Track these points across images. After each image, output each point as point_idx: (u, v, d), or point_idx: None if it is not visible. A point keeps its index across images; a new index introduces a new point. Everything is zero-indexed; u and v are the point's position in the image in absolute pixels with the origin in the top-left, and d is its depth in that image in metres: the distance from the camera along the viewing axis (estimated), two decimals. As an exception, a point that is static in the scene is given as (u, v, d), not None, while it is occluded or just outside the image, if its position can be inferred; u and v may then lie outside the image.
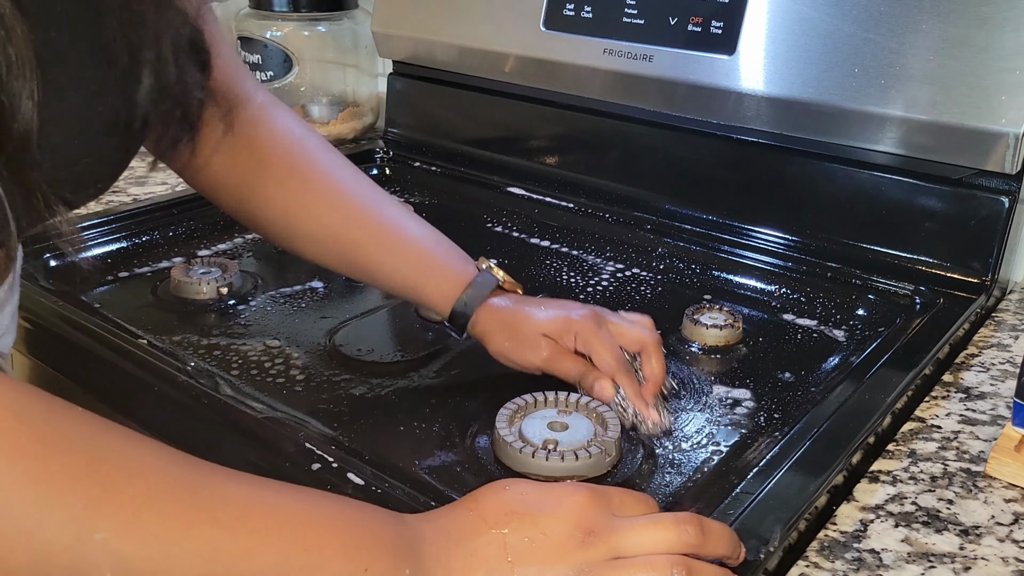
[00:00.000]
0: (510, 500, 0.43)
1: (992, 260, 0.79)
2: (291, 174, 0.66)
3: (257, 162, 0.66)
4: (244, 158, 0.66)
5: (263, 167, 0.66)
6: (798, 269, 0.84)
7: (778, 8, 0.83)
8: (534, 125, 1.05)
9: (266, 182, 0.66)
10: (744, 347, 0.74)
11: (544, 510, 0.43)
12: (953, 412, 0.63)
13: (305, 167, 0.67)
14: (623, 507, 0.44)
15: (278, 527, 0.38)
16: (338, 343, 0.72)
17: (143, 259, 0.87)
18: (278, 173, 0.66)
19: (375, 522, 0.42)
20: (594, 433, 0.58)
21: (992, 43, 0.74)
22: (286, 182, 0.66)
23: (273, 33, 1.17)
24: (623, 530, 0.42)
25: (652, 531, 0.43)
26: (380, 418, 0.63)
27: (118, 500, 0.35)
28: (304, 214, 0.66)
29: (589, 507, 0.43)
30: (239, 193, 0.67)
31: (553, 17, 0.96)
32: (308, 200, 0.66)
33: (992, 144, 0.75)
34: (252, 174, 0.66)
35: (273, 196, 0.66)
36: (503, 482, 0.45)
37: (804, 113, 0.83)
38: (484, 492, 0.44)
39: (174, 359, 0.65)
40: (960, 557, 0.48)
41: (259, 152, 0.66)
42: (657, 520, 0.43)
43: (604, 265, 0.89)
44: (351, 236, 0.66)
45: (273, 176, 0.66)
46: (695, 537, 0.42)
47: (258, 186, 0.66)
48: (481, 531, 0.42)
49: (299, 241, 0.68)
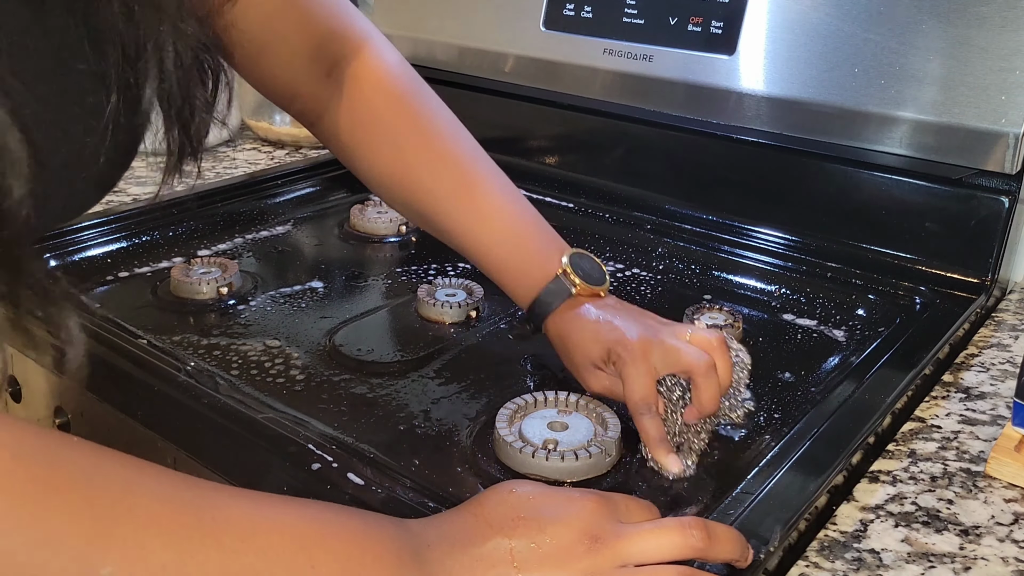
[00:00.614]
0: (516, 505, 0.43)
1: (992, 260, 0.78)
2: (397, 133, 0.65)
3: (362, 120, 0.65)
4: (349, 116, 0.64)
5: (367, 126, 0.65)
6: (798, 269, 0.84)
7: (778, 8, 0.83)
8: (534, 125, 1.05)
9: (371, 141, 0.65)
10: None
11: (550, 516, 0.42)
12: (953, 412, 0.63)
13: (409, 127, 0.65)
14: (629, 513, 0.44)
15: (283, 545, 0.38)
16: (338, 343, 0.72)
17: (143, 259, 0.87)
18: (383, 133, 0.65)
19: (379, 532, 0.41)
20: (594, 433, 0.58)
21: (992, 43, 0.74)
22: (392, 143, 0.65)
23: (273, 33, 1.17)
24: (629, 536, 0.42)
25: (658, 537, 0.43)
26: (380, 418, 0.63)
27: (121, 533, 0.35)
28: (407, 178, 0.65)
29: (596, 513, 0.43)
30: (348, 151, 0.66)
31: (553, 17, 0.96)
32: (411, 163, 0.64)
33: (992, 144, 0.75)
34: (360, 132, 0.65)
35: (378, 157, 0.65)
36: (508, 484, 0.45)
37: (804, 113, 0.83)
38: (489, 496, 0.44)
39: (174, 359, 0.65)
40: (960, 557, 0.48)
41: (363, 110, 0.64)
42: (663, 526, 0.43)
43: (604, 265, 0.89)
44: (446, 210, 0.65)
45: (378, 136, 0.65)
46: (701, 541, 0.42)
47: (364, 144, 0.65)
48: (487, 536, 0.42)
49: (399, 205, 0.68)
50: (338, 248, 0.93)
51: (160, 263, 0.87)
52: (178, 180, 0.48)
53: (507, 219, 0.65)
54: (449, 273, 0.86)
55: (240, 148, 1.20)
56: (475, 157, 0.66)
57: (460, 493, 0.54)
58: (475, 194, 0.65)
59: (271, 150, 1.19)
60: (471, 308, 0.77)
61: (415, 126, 0.65)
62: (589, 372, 0.61)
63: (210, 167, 1.08)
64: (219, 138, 1.19)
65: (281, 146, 1.21)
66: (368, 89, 0.65)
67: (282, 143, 1.21)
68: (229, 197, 0.99)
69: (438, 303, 0.76)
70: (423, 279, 0.85)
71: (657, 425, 0.57)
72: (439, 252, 0.92)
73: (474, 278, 0.81)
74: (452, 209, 0.65)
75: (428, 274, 0.86)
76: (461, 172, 0.65)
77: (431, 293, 0.78)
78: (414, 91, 0.67)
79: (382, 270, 0.87)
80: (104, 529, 0.34)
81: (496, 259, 0.65)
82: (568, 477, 0.55)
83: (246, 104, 1.22)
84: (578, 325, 0.61)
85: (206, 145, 0.49)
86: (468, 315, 0.77)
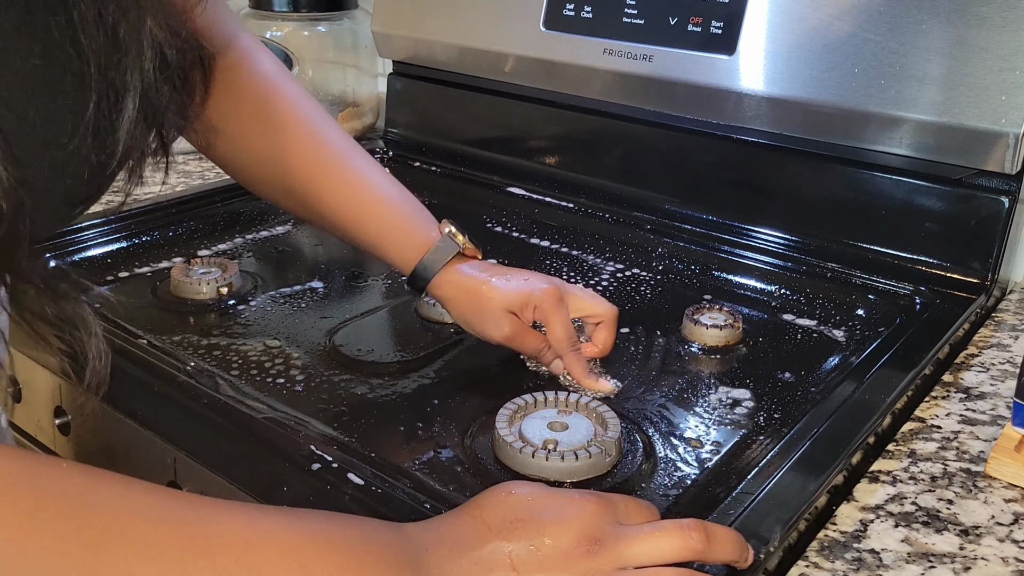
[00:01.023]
0: (515, 507, 0.43)
1: (992, 260, 0.78)
2: (266, 119, 0.66)
3: (234, 107, 0.65)
4: (223, 104, 0.64)
5: (239, 113, 0.65)
6: (798, 269, 0.84)
7: (778, 8, 0.83)
8: (534, 125, 1.05)
9: (241, 127, 0.65)
10: (744, 347, 0.74)
11: (549, 518, 0.42)
12: (953, 412, 0.63)
13: (279, 114, 0.66)
14: (628, 515, 0.44)
15: (278, 559, 0.38)
16: (338, 343, 0.72)
17: (143, 259, 0.87)
18: (253, 119, 0.66)
19: (375, 539, 0.41)
20: (594, 433, 0.58)
21: (992, 43, 0.74)
22: (260, 128, 0.66)
23: (273, 33, 1.17)
24: (629, 538, 0.42)
25: (658, 539, 0.42)
26: (380, 418, 0.63)
27: (112, 560, 0.34)
28: (276, 161, 0.66)
29: (595, 515, 0.43)
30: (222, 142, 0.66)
31: (553, 17, 0.96)
32: (281, 147, 0.66)
33: (992, 144, 0.75)
34: (232, 121, 0.65)
35: (252, 142, 0.66)
36: (506, 486, 0.44)
37: (804, 113, 0.83)
38: (487, 498, 0.44)
39: (174, 359, 0.65)
40: (960, 557, 0.48)
41: (236, 97, 0.65)
42: (662, 528, 0.43)
43: (604, 265, 0.89)
44: (318, 187, 0.66)
45: (247, 121, 0.65)
46: (700, 543, 0.42)
47: (239, 132, 0.65)
48: (486, 539, 0.41)
49: (265, 187, 0.68)
50: (338, 248, 0.93)
51: (160, 263, 0.87)
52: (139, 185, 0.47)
53: (383, 189, 0.68)
54: (449, 273, 0.86)
55: (240, 148, 1.20)
56: (345, 139, 0.69)
57: (460, 493, 0.54)
58: (349, 169, 0.67)
59: (271, 150, 1.19)
60: (471, 308, 0.77)
61: (289, 111, 0.66)
62: (497, 321, 0.65)
63: (210, 167, 1.08)
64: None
65: (281, 146, 1.21)
66: (242, 78, 0.65)
67: (282, 143, 1.21)
68: (229, 197, 0.99)
69: (438, 303, 0.76)
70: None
71: (582, 359, 0.66)
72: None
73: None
74: (329, 185, 0.66)
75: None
76: (334, 151, 0.67)
77: (431, 293, 0.78)
78: (285, 82, 0.68)
79: (382, 270, 0.87)
80: (97, 557, 0.34)
81: (375, 227, 0.67)
82: (568, 477, 0.55)
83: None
84: (481, 279, 0.66)
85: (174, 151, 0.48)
86: (468, 315, 0.77)
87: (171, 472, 0.60)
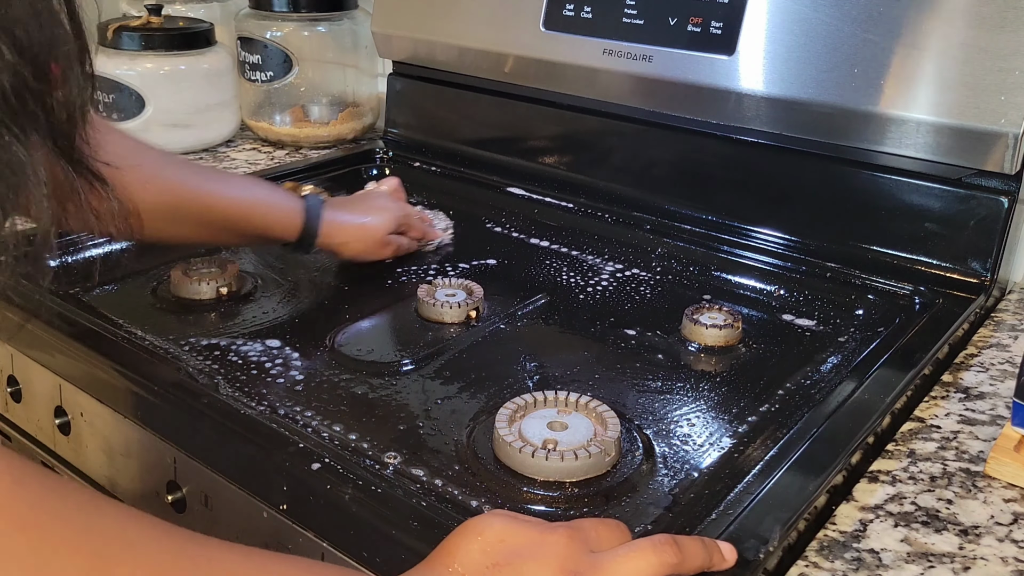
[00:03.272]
0: (487, 551, 0.42)
1: (991, 260, 0.79)
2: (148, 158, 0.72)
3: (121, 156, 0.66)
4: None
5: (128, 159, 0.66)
6: (798, 269, 0.84)
7: (778, 8, 0.83)
8: (534, 125, 1.05)
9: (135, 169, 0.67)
10: (743, 347, 0.74)
11: (525, 556, 0.41)
12: (952, 412, 0.63)
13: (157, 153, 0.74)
14: (599, 540, 0.44)
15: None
16: (338, 343, 0.72)
17: (143, 259, 0.87)
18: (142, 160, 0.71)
19: None
20: (594, 433, 0.58)
21: (992, 43, 0.74)
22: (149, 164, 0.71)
23: (273, 33, 1.17)
24: (605, 565, 0.42)
25: (635, 560, 0.42)
26: (380, 418, 0.63)
27: (117, 573, 0.35)
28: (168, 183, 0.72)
29: (569, 547, 0.42)
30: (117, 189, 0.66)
31: (553, 17, 0.96)
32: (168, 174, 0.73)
33: (992, 144, 0.75)
34: None
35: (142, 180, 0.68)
36: (472, 525, 0.43)
37: (804, 113, 0.84)
38: (457, 544, 0.43)
39: (174, 359, 0.65)
40: (959, 557, 0.48)
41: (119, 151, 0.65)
42: (636, 548, 0.43)
43: (604, 265, 0.89)
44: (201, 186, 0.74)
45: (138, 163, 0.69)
46: (674, 556, 0.43)
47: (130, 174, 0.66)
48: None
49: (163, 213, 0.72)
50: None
51: (160, 263, 0.87)
52: None
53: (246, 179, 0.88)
54: (449, 273, 0.86)
55: (240, 148, 1.20)
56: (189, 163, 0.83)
57: (460, 493, 0.54)
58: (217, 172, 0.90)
59: (271, 150, 1.19)
60: (471, 308, 0.77)
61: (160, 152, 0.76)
62: (383, 244, 0.85)
63: (210, 167, 1.08)
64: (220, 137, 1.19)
65: (281, 146, 1.21)
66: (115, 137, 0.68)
67: (282, 143, 1.21)
68: (229, 197, 0.99)
69: (438, 303, 0.76)
70: (423, 279, 0.85)
71: (435, 232, 0.93)
72: (439, 252, 0.92)
73: (474, 278, 0.81)
74: (206, 184, 0.75)
75: (428, 274, 0.86)
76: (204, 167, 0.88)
77: (431, 293, 0.78)
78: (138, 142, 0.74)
79: (382, 270, 0.87)
80: (101, 565, 0.34)
81: (253, 205, 0.77)
82: (568, 477, 0.55)
83: (246, 104, 1.22)
84: (357, 221, 0.83)
85: None
86: (468, 315, 0.77)
87: (171, 472, 0.60)
